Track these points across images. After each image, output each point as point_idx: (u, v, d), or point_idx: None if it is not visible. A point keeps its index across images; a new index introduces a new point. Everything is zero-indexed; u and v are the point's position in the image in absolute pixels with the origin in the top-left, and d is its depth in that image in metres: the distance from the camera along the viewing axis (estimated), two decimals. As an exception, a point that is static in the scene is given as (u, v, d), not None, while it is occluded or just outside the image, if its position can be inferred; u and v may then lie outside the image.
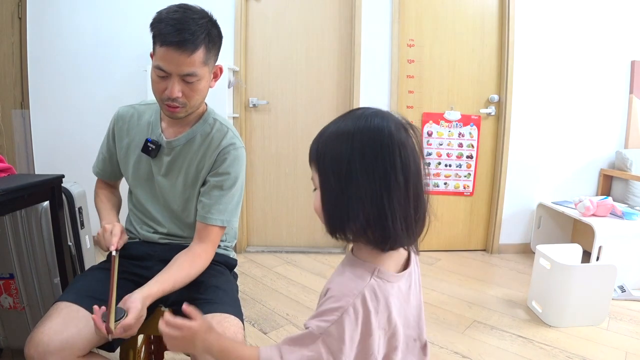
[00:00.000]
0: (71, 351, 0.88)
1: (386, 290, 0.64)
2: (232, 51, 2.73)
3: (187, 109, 1.04)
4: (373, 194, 0.59)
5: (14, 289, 1.47)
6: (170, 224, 1.16)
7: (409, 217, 0.61)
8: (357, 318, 0.60)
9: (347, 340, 0.59)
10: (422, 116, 2.87)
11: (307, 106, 2.87)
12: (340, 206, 0.61)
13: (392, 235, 0.61)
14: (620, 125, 2.94)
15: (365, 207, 0.59)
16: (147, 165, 1.15)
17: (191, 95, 1.02)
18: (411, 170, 0.61)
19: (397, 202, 0.60)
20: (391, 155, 0.59)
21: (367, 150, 0.60)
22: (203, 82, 1.03)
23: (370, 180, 0.59)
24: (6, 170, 1.32)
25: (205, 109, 1.16)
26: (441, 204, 2.97)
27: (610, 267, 1.90)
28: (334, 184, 0.62)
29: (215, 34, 1.03)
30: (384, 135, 0.60)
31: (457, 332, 1.88)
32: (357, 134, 0.61)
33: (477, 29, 2.82)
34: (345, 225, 0.62)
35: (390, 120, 0.62)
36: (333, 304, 0.60)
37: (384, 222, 0.60)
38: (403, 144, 0.61)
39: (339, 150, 0.61)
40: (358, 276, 0.63)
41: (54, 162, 2.78)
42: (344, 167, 0.60)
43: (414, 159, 0.62)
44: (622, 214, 2.39)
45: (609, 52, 2.85)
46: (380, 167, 0.59)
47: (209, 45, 1.00)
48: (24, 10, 2.64)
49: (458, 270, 2.65)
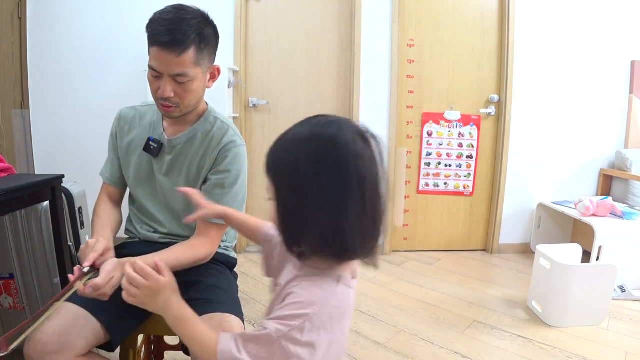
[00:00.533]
0: (70, 351, 0.88)
1: (348, 295, 0.64)
2: (232, 51, 2.73)
3: (181, 108, 1.04)
4: (329, 207, 0.58)
5: (14, 289, 1.47)
6: (171, 223, 1.16)
7: (365, 229, 0.60)
8: (321, 326, 0.59)
9: (305, 346, 0.58)
10: (422, 116, 2.87)
11: (307, 106, 2.87)
12: (295, 219, 0.60)
13: (349, 248, 0.59)
14: (620, 125, 2.94)
15: (321, 220, 0.58)
16: (148, 165, 1.15)
17: (184, 96, 1.02)
18: (368, 182, 0.59)
19: (354, 216, 0.58)
20: (347, 168, 0.58)
21: (322, 163, 0.58)
22: (196, 82, 1.02)
23: (325, 193, 0.57)
24: (6, 170, 1.32)
25: (206, 108, 1.16)
26: (441, 204, 2.97)
27: (610, 267, 1.90)
28: (288, 197, 0.60)
29: (209, 34, 1.02)
30: (340, 147, 0.58)
31: (457, 332, 1.88)
32: (313, 146, 0.59)
33: (477, 29, 2.83)
34: (301, 238, 0.61)
35: (347, 130, 0.60)
36: (298, 310, 0.58)
37: (341, 236, 0.58)
38: (360, 156, 0.59)
39: (293, 163, 0.59)
40: (324, 284, 0.62)
41: (54, 162, 2.78)
42: (299, 180, 0.58)
43: (371, 170, 0.60)
44: (622, 214, 2.39)
45: (609, 52, 2.85)
46: (335, 181, 0.57)
47: (200, 46, 0.99)
48: (24, 10, 2.63)
49: (458, 270, 2.65)
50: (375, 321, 1.96)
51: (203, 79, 1.05)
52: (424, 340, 1.80)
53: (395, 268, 2.67)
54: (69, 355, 0.87)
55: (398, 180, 2.92)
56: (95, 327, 0.93)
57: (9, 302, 1.48)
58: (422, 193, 2.96)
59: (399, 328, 1.90)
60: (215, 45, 1.06)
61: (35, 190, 1.25)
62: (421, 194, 2.96)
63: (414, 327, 1.91)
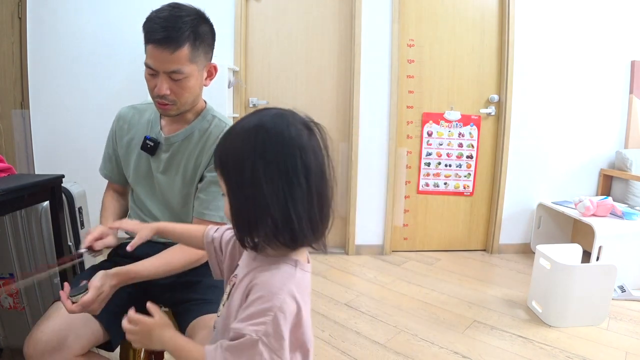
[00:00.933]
0: (70, 350, 0.88)
1: (307, 280, 0.66)
2: (232, 51, 2.73)
3: (177, 106, 1.04)
4: (278, 198, 0.60)
5: (14, 289, 1.47)
6: (169, 221, 1.16)
7: (314, 217, 0.63)
8: (289, 313, 0.60)
9: (285, 336, 0.59)
10: (422, 116, 2.87)
11: (307, 106, 2.87)
12: (247, 213, 0.62)
13: (299, 237, 0.62)
14: (620, 125, 2.94)
15: (271, 212, 0.60)
16: (146, 163, 1.15)
17: (180, 93, 1.02)
18: (313, 172, 0.62)
19: (302, 205, 0.61)
20: (293, 159, 0.60)
21: (268, 155, 0.60)
22: (192, 80, 1.02)
23: (273, 185, 0.60)
24: (6, 170, 1.32)
25: (205, 107, 1.16)
26: (441, 204, 2.97)
27: (610, 267, 1.90)
28: (238, 191, 0.63)
29: (205, 31, 1.02)
30: (285, 139, 0.61)
31: (457, 332, 1.88)
32: (259, 139, 0.61)
33: (477, 29, 2.83)
34: (254, 231, 0.63)
35: (290, 121, 0.63)
36: (264, 305, 0.59)
37: (292, 226, 0.61)
38: (304, 147, 0.61)
39: (240, 157, 0.61)
40: (283, 272, 0.64)
41: (54, 162, 2.78)
42: (247, 174, 0.60)
43: (316, 159, 0.63)
44: (622, 214, 2.39)
45: (609, 52, 2.85)
46: (282, 172, 0.60)
47: (195, 43, 0.99)
48: (24, 10, 2.64)
49: (458, 270, 2.65)
50: (375, 321, 1.96)
51: (199, 76, 1.05)
52: (424, 340, 1.80)
53: (395, 268, 2.67)
54: (69, 354, 0.88)
55: (398, 180, 2.92)
56: (95, 326, 0.93)
57: (9, 302, 1.48)
58: (422, 193, 2.96)
59: (399, 328, 1.90)
60: (211, 42, 1.06)
61: (35, 190, 1.25)
62: (421, 194, 2.96)
63: (414, 327, 1.91)
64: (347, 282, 2.44)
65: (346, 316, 2.00)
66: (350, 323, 1.94)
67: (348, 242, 2.91)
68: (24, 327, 1.48)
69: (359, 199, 2.87)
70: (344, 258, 2.85)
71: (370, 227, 2.92)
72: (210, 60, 1.08)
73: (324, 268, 2.64)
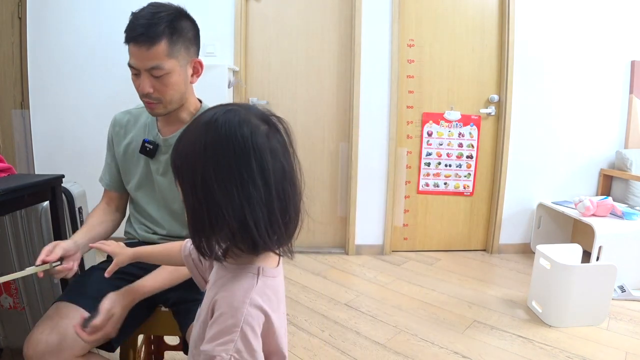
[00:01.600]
0: (70, 351, 0.88)
1: (274, 286, 0.63)
2: (232, 51, 2.73)
3: (164, 104, 1.04)
4: (232, 203, 0.56)
5: (14, 289, 1.47)
6: (170, 224, 1.16)
7: (274, 221, 0.58)
8: (257, 324, 0.57)
9: (257, 348, 0.57)
10: (422, 116, 2.87)
11: (307, 106, 2.87)
12: (201, 220, 0.58)
13: (259, 242, 0.58)
14: (620, 125, 2.94)
15: (227, 218, 0.56)
16: (145, 166, 1.15)
17: (164, 90, 1.01)
18: (272, 172, 0.57)
19: (260, 209, 0.57)
20: (246, 161, 0.56)
21: (220, 159, 0.56)
22: (174, 75, 1.01)
23: (227, 190, 0.56)
24: (6, 170, 1.32)
25: (200, 106, 1.16)
26: (441, 204, 2.97)
27: (610, 267, 1.90)
28: (192, 198, 0.58)
29: (184, 27, 1.01)
30: (237, 140, 0.56)
31: (457, 332, 1.88)
32: (209, 142, 0.57)
33: (477, 29, 2.82)
34: (211, 238, 0.59)
35: (243, 118, 0.58)
36: (228, 321, 0.56)
37: (249, 232, 0.57)
38: (259, 145, 0.57)
39: (192, 162, 0.57)
40: (243, 282, 0.60)
41: (54, 162, 2.78)
42: (199, 179, 0.56)
43: (275, 158, 0.58)
44: (622, 214, 2.39)
45: (609, 52, 2.85)
46: (235, 176, 0.56)
47: (172, 38, 0.98)
48: (24, 10, 2.64)
49: (458, 270, 2.65)
50: (375, 321, 1.96)
51: (182, 72, 1.04)
52: (424, 340, 1.80)
53: (395, 268, 2.67)
54: (69, 355, 0.88)
55: (398, 180, 2.92)
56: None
57: (9, 302, 1.48)
58: (422, 193, 2.96)
59: (399, 328, 1.90)
60: (192, 38, 1.05)
61: (35, 190, 1.25)
62: (421, 194, 2.96)
63: (414, 327, 1.91)
64: (347, 282, 2.44)
65: (346, 316, 2.00)
66: (350, 323, 1.94)
67: (348, 242, 2.91)
68: (24, 327, 1.48)
69: (359, 199, 2.87)
70: (344, 258, 2.85)
71: (370, 227, 2.92)
72: (195, 56, 1.07)
73: (324, 268, 2.64)
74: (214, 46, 2.70)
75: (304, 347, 1.72)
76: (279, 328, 0.62)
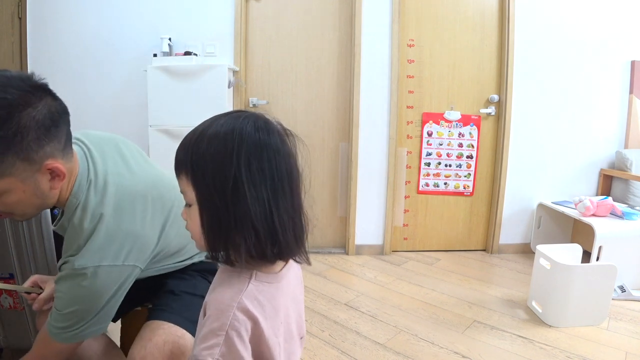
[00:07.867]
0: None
1: (269, 293, 0.61)
2: (232, 51, 2.73)
3: (20, 216, 0.85)
4: (262, 208, 0.56)
5: (14, 289, 1.47)
6: None
7: (297, 226, 0.60)
8: (243, 329, 0.56)
9: (243, 353, 0.55)
10: (422, 116, 2.87)
11: (307, 106, 2.87)
12: (226, 225, 0.57)
13: (284, 248, 0.58)
14: (620, 125, 2.94)
15: (255, 223, 0.56)
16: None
17: (10, 209, 0.80)
18: (294, 178, 0.60)
19: (286, 213, 0.58)
20: (277, 165, 0.58)
21: (253, 163, 0.56)
22: (12, 195, 0.77)
23: (258, 194, 0.56)
24: (6, 170, 1.31)
25: (67, 197, 0.88)
26: (441, 204, 2.97)
27: (610, 267, 1.90)
28: (218, 202, 0.56)
29: (23, 124, 0.73)
30: (270, 145, 0.58)
31: (457, 332, 1.88)
32: (241, 145, 0.56)
33: (477, 29, 2.82)
34: (230, 244, 0.58)
35: (269, 126, 0.60)
36: (213, 324, 0.55)
37: (276, 237, 0.57)
38: (286, 153, 0.60)
39: (221, 166, 0.56)
40: (233, 286, 0.59)
41: (54, 162, 2.78)
42: (230, 183, 0.55)
43: (296, 166, 0.61)
44: (622, 214, 2.39)
45: (609, 52, 2.85)
46: (268, 179, 0.57)
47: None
48: (24, 10, 2.64)
49: (458, 270, 2.65)
50: (375, 321, 1.96)
51: (28, 186, 0.78)
52: (424, 340, 1.80)
53: (395, 268, 2.67)
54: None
55: (398, 180, 2.92)
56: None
57: (9, 302, 1.48)
58: (422, 193, 2.96)
59: (399, 328, 1.90)
60: (41, 135, 0.76)
61: (35, 190, 1.24)
62: (421, 194, 2.96)
63: (414, 327, 1.91)
64: (347, 282, 2.44)
65: (346, 316, 2.00)
66: (350, 323, 1.94)
67: (348, 242, 2.91)
68: (24, 327, 1.48)
69: (359, 199, 2.87)
70: (344, 258, 2.85)
71: (370, 227, 2.92)
72: (48, 158, 0.78)
73: (324, 268, 2.64)
74: (214, 46, 2.70)
75: (304, 347, 1.72)
76: (270, 337, 0.59)
